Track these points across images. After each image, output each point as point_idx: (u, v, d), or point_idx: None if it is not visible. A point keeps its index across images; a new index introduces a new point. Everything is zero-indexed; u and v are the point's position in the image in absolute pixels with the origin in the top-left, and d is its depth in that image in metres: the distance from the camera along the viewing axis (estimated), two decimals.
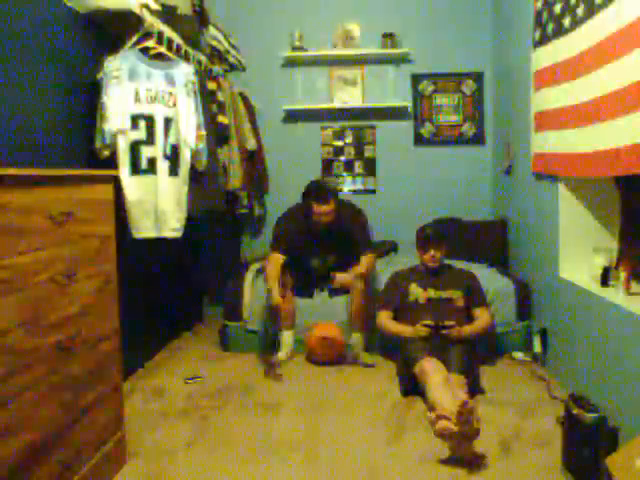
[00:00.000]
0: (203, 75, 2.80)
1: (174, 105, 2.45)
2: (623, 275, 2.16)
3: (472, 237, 3.55)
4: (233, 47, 3.37)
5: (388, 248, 3.75)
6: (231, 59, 3.37)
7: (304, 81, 3.99)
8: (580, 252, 2.54)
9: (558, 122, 2.49)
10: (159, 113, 2.40)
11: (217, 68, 3.10)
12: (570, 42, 2.34)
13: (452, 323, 2.54)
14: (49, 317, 1.45)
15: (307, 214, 3.00)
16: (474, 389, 2.40)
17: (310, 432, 2.14)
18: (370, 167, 4.02)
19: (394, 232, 3.86)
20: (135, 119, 2.34)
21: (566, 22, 2.37)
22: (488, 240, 3.53)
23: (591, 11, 2.13)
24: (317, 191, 2.97)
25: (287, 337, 2.99)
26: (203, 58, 2.92)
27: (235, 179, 3.08)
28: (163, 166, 2.42)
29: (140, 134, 2.36)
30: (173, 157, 2.45)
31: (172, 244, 2.63)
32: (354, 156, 4.03)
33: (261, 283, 3.15)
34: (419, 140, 3.99)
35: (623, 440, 1.73)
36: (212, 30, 3.05)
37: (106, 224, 1.78)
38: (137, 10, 2.27)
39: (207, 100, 2.76)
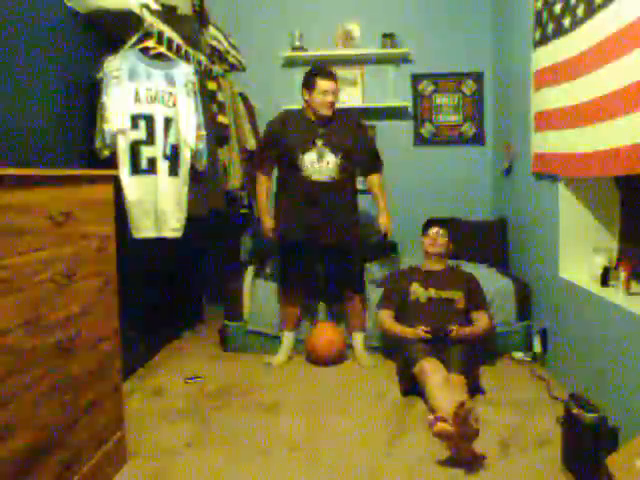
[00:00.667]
0: (203, 75, 2.80)
1: (174, 105, 2.45)
2: (623, 275, 2.16)
3: (472, 237, 3.55)
4: (233, 47, 3.37)
5: (388, 248, 3.75)
6: (231, 59, 3.37)
7: None
8: (580, 252, 2.54)
9: (558, 122, 2.49)
10: (159, 113, 2.40)
11: (217, 68, 3.10)
12: (570, 42, 2.34)
13: (452, 328, 2.55)
14: (49, 317, 1.45)
15: (307, 102, 2.80)
16: (474, 389, 2.41)
17: (310, 432, 2.14)
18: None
19: (394, 232, 3.85)
20: (135, 119, 2.34)
21: (566, 22, 2.37)
22: (488, 240, 3.53)
23: (591, 11, 2.14)
24: (323, 67, 2.88)
25: (288, 338, 2.98)
26: (203, 58, 2.92)
27: (235, 179, 3.08)
28: (163, 166, 2.42)
29: (140, 134, 2.35)
30: (173, 157, 2.45)
31: (172, 244, 2.63)
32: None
33: (261, 283, 3.15)
34: (419, 140, 3.99)
35: (623, 440, 1.73)
36: (212, 30, 3.05)
37: (106, 224, 1.78)
38: (137, 10, 2.26)
39: (207, 100, 2.76)
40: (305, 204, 2.79)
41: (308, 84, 2.79)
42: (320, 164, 2.76)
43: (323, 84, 2.73)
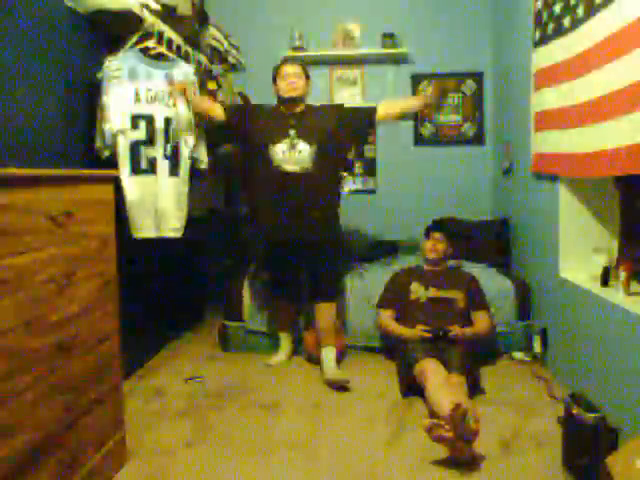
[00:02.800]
0: (203, 75, 2.80)
1: (174, 105, 2.45)
2: (623, 275, 2.16)
3: (472, 237, 3.55)
4: (233, 47, 3.37)
5: (388, 248, 3.75)
6: (231, 59, 3.38)
7: None
8: (580, 252, 2.54)
9: (558, 122, 2.49)
10: (159, 113, 2.40)
11: (217, 68, 3.10)
12: (570, 42, 2.34)
13: (452, 328, 2.55)
14: (49, 317, 1.45)
15: (277, 96, 2.70)
16: (474, 389, 2.40)
17: (310, 432, 2.14)
18: (370, 167, 4.02)
19: (394, 232, 3.86)
20: (135, 119, 2.34)
21: (566, 22, 2.37)
22: (488, 240, 3.53)
23: (591, 11, 2.14)
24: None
25: (284, 339, 2.94)
26: (203, 58, 2.92)
27: (235, 179, 3.08)
28: (163, 166, 2.42)
29: (140, 134, 2.36)
30: (173, 157, 2.45)
31: (172, 244, 2.63)
32: (354, 156, 4.03)
33: (260, 284, 3.15)
34: (419, 140, 3.99)
35: (623, 440, 1.73)
36: (212, 30, 3.05)
37: (106, 224, 1.78)
38: (137, 10, 2.27)
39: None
40: (276, 198, 2.58)
41: (273, 77, 2.74)
42: (291, 153, 2.55)
43: (282, 69, 2.67)
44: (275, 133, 2.58)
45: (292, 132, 2.57)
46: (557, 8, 2.47)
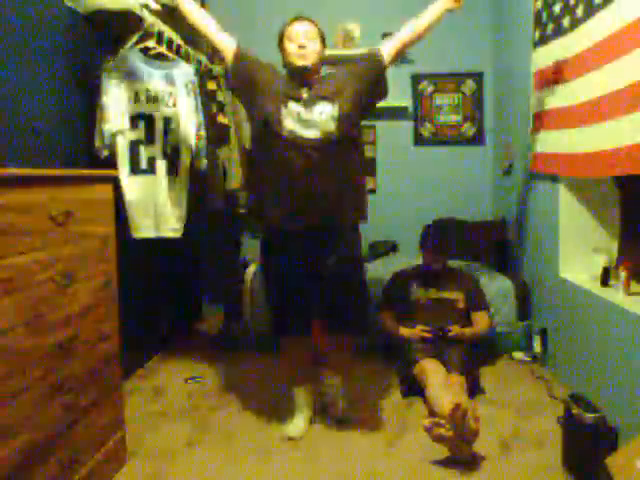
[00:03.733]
0: (203, 75, 2.80)
1: (174, 105, 2.45)
2: (623, 275, 2.16)
3: (472, 237, 3.55)
4: None
5: (388, 248, 3.75)
6: None
7: None
8: (580, 252, 2.54)
9: (558, 122, 2.49)
10: (159, 113, 2.40)
11: (217, 68, 3.10)
12: (570, 42, 2.34)
13: (451, 327, 2.55)
14: (49, 317, 1.45)
15: (283, 63, 2.12)
16: (474, 389, 2.41)
17: (310, 432, 2.14)
18: (370, 167, 4.02)
19: (394, 232, 3.86)
20: (135, 119, 2.34)
21: (566, 22, 2.38)
22: (488, 240, 3.53)
23: (591, 11, 2.14)
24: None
25: (302, 396, 2.20)
26: (203, 58, 2.92)
27: (235, 179, 3.07)
28: (162, 166, 2.42)
29: (140, 134, 2.36)
30: (173, 157, 2.45)
31: (172, 244, 2.63)
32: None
33: (260, 285, 3.15)
34: (419, 140, 3.99)
35: (623, 440, 1.73)
36: None
37: (106, 224, 1.78)
38: (137, 10, 2.26)
39: (207, 100, 2.76)
40: (288, 179, 1.92)
41: (280, 40, 2.16)
42: (308, 115, 1.93)
43: (289, 29, 2.10)
44: (284, 93, 2.00)
45: (305, 95, 1.99)
46: (557, 8, 2.47)
